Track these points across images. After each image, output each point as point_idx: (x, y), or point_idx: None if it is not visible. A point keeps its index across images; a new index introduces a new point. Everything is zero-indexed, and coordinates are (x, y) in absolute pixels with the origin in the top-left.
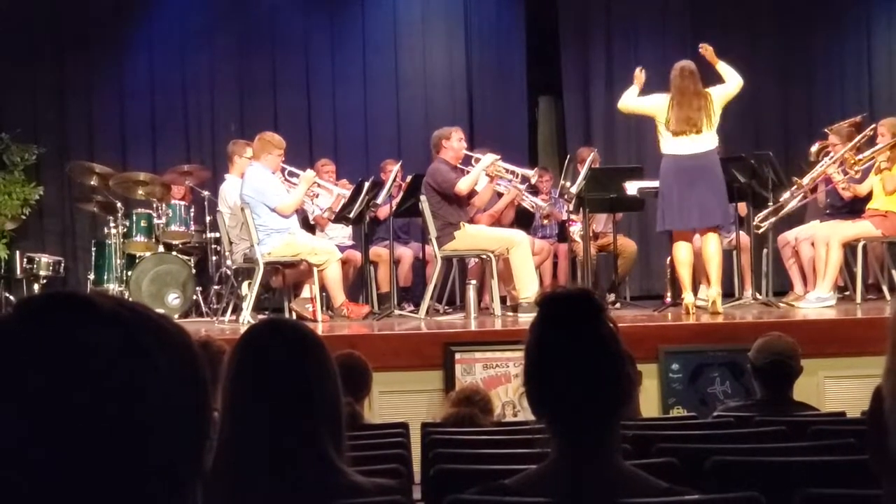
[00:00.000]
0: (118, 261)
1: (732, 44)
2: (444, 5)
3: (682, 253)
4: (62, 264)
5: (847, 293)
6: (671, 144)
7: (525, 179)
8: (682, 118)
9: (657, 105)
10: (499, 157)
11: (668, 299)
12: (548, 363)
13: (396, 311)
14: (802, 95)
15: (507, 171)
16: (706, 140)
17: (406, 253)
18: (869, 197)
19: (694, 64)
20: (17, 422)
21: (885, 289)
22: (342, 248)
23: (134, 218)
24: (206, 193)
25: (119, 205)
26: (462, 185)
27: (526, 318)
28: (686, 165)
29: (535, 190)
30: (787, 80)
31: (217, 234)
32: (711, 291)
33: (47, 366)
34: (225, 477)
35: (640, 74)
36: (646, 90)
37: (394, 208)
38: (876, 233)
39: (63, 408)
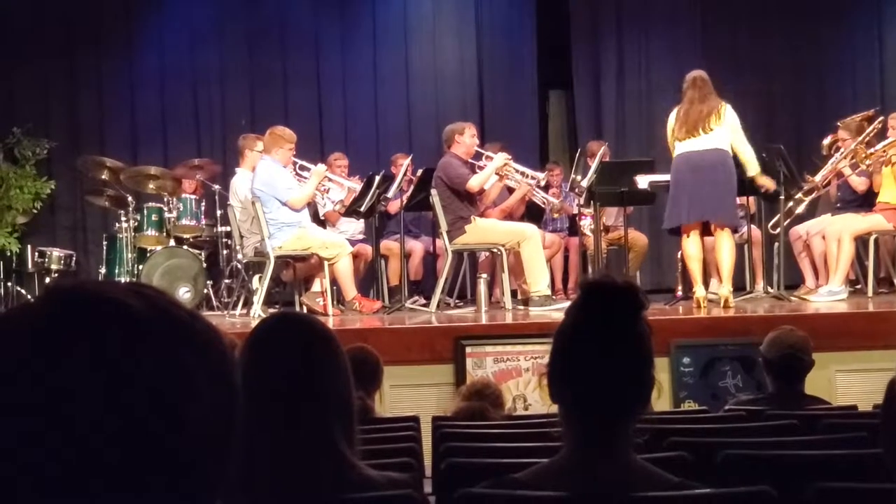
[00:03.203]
0: (129, 255)
1: (743, 37)
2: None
3: (690, 247)
4: (73, 258)
5: (858, 287)
6: (680, 146)
7: (535, 180)
8: (687, 124)
9: (671, 122)
10: (510, 157)
11: (680, 293)
12: (578, 350)
13: (407, 305)
14: (813, 89)
15: (517, 171)
16: (716, 138)
17: (417, 247)
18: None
19: (706, 74)
20: (36, 432)
21: None
22: (353, 242)
23: (145, 212)
24: (216, 187)
25: (130, 199)
26: (473, 183)
27: (537, 312)
28: (696, 160)
29: (546, 185)
30: (797, 74)
31: (228, 228)
32: (723, 290)
33: (69, 377)
34: (236, 472)
35: None
36: (656, 85)
37: (404, 202)
38: (887, 226)
39: (81, 420)
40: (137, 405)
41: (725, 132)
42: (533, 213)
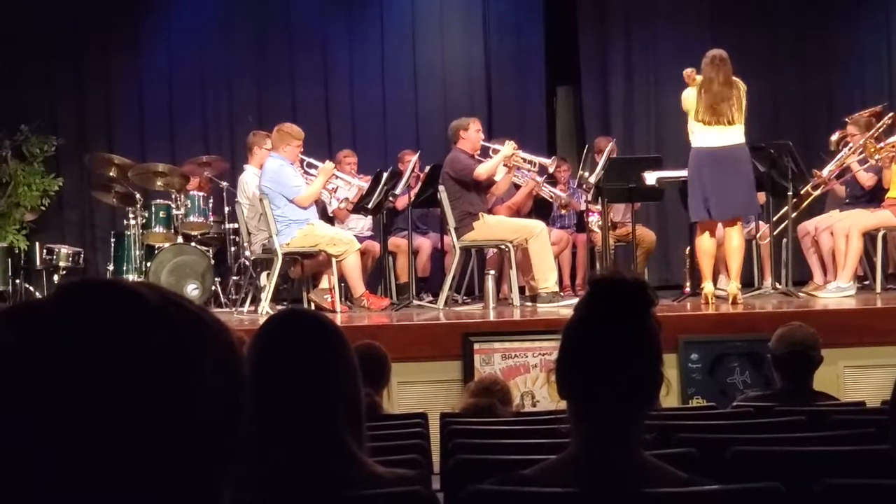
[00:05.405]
0: (137, 252)
1: (751, 32)
2: None
3: (705, 243)
4: (81, 255)
5: (867, 283)
6: (701, 136)
7: (543, 169)
8: (706, 107)
9: (689, 98)
10: (517, 146)
11: (688, 289)
12: (587, 346)
13: (415, 302)
14: (822, 84)
15: (525, 160)
16: (736, 133)
17: (424, 243)
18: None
19: (725, 52)
20: (46, 418)
21: None
22: (361, 239)
23: (153, 209)
24: (224, 184)
25: (138, 196)
26: (481, 170)
27: (545, 308)
28: (716, 156)
29: (553, 180)
30: (806, 69)
31: (236, 225)
32: (731, 287)
33: (85, 361)
34: (243, 468)
35: (689, 73)
36: (664, 81)
37: (412, 199)
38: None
39: (95, 405)
40: (147, 397)
41: (743, 125)
42: (541, 209)
